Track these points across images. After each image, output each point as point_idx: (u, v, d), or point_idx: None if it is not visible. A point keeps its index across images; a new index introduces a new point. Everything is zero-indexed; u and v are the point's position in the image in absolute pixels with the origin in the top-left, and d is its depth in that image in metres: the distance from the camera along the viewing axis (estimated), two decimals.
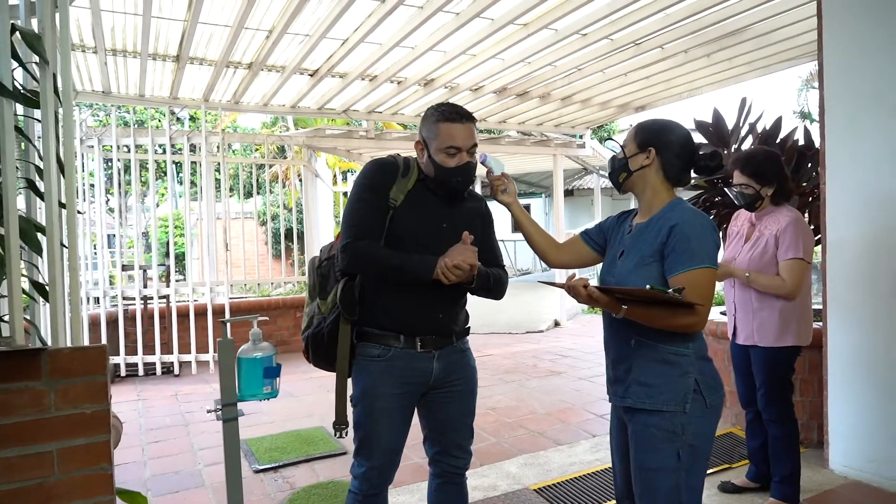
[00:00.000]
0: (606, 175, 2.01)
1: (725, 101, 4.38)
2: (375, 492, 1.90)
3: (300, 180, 8.02)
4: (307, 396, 5.04)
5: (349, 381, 1.94)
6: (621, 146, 1.83)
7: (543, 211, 19.90)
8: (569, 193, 19.77)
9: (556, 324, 8.80)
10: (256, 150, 13.37)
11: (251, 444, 3.81)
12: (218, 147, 6.54)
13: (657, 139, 1.74)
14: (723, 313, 4.39)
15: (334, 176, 9.98)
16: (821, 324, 3.26)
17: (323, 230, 8.27)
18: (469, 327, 2.03)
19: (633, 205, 1.99)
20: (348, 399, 1.91)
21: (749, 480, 3.01)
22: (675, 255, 1.61)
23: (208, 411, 1.68)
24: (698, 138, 4.57)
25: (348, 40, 5.05)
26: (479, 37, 5.05)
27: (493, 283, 1.92)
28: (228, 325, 1.73)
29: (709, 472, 3.25)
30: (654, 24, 4.97)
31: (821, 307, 3.31)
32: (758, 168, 2.69)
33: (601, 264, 1.96)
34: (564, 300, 9.19)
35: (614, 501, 2.92)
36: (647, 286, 1.55)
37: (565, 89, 6.99)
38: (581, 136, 9.21)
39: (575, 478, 3.21)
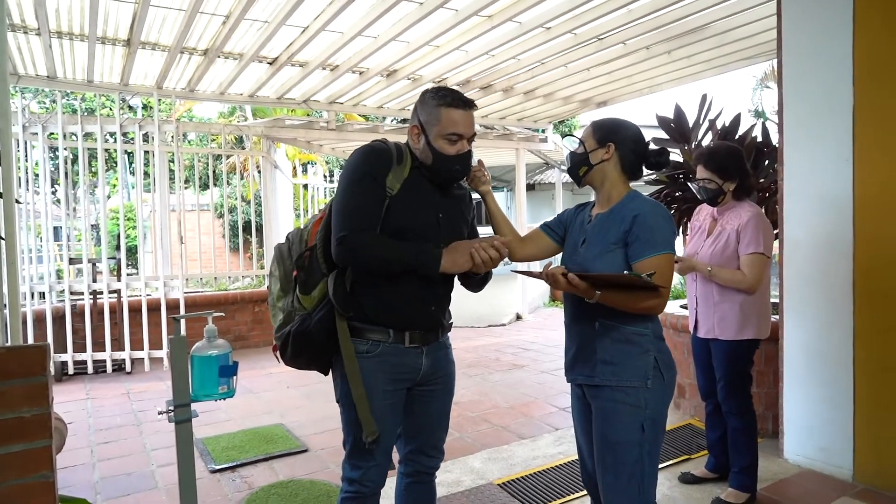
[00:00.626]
0: (566, 170, 2.02)
1: (683, 98, 4.43)
2: (374, 492, 1.84)
3: (259, 172, 7.83)
4: (266, 393, 4.92)
5: (332, 378, 1.87)
6: (580, 141, 1.91)
7: (505, 205, 19.98)
8: (530, 187, 19.90)
9: (518, 317, 8.84)
10: (213, 140, 13.02)
11: (207, 444, 3.69)
12: (172, 136, 6.31)
13: (615, 135, 1.87)
14: (683, 307, 4.46)
15: (294, 168, 9.76)
16: (777, 317, 3.33)
17: (283, 223, 8.08)
18: (452, 322, 1.99)
19: (593, 199, 2.00)
20: (354, 401, 1.75)
21: (708, 471, 3.06)
22: (640, 242, 1.74)
23: (160, 413, 1.59)
24: (660, 134, 4.64)
25: (308, 28, 4.92)
26: (442, 27, 4.99)
27: (490, 274, 1.90)
28: (182, 321, 1.64)
29: (669, 462, 3.30)
30: (618, 20, 5.00)
31: (777, 301, 3.38)
32: (721, 163, 2.72)
33: (560, 254, 2.05)
34: (526, 293, 9.23)
35: (578, 494, 2.95)
36: (625, 272, 1.71)
37: (528, 83, 6.99)
38: (543, 131, 9.25)
39: (539, 471, 3.21)
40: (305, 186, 10.13)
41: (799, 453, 3.25)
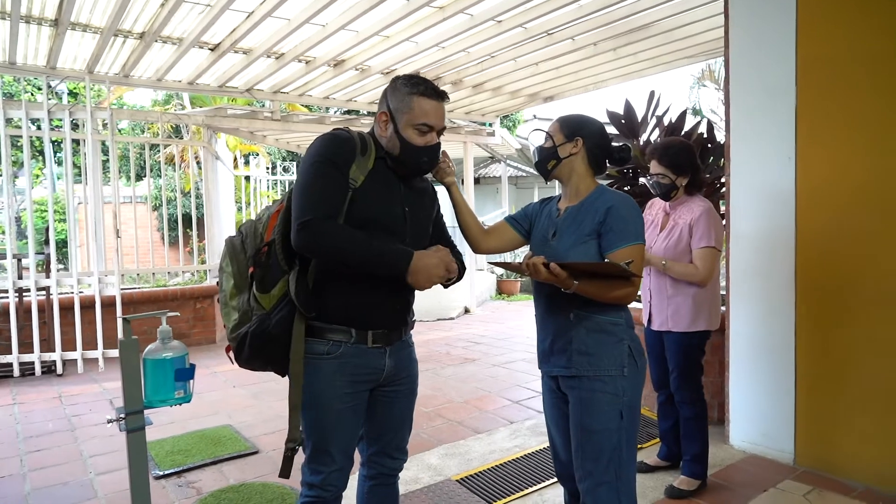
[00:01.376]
0: (519, 164, 2.01)
1: (625, 96, 4.53)
2: (336, 496, 1.77)
3: (198, 163, 7.51)
4: (211, 393, 4.73)
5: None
6: (548, 134, 1.95)
7: (448, 199, 20.01)
8: (476, 181, 19.98)
9: (467, 310, 8.86)
10: (148, 129, 12.44)
11: (151, 448, 3.51)
12: (104, 124, 5.97)
13: (582, 130, 1.91)
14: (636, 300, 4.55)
15: (235, 159, 9.44)
16: (724, 308, 3.44)
17: (224, 216, 7.80)
18: (415, 319, 1.93)
19: (536, 196, 2.01)
20: (289, 405, 1.71)
21: (661, 460, 3.13)
22: (613, 233, 1.79)
23: (109, 421, 1.47)
24: (610, 129, 4.70)
25: (253, 13, 4.74)
26: (393, 18, 4.91)
27: (461, 273, 1.81)
28: (129, 322, 1.52)
29: None
30: (567, 15, 5.04)
31: (724, 293, 3.49)
32: (674, 159, 2.77)
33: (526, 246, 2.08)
34: (474, 287, 9.27)
35: (536, 487, 2.96)
36: (605, 259, 1.78)
37: (478, 76, 6.99)
38: (491, 125, 9.28)
39: (496, 466, 3.21)
40: (247, 178, 9.84)
41: (744, 439, 3.37)
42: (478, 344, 6.50)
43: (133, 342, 1.48)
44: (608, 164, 1.97)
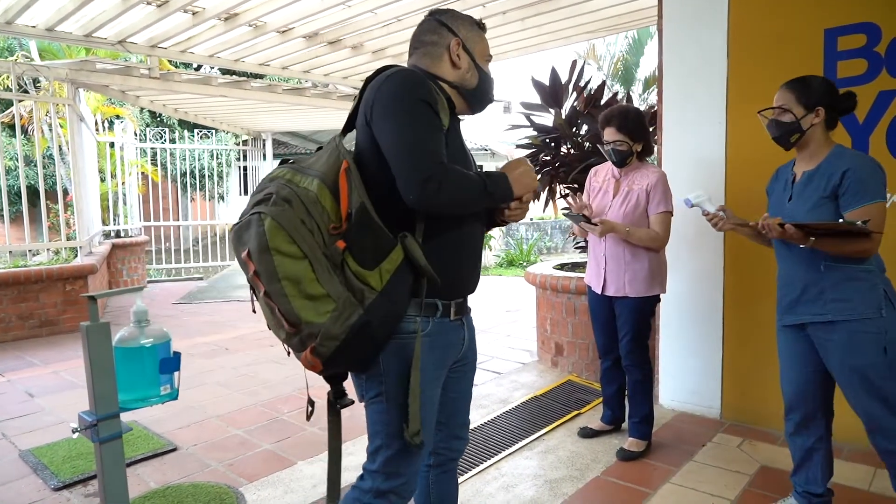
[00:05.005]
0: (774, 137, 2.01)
1: (523, 68, 4.52)
2: (409, 501, 1.55)
3: (49, 125, 6.53)
4: None
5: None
6: (782, 108, 2.06)
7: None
8: None
9: None
10: None
11: (41, 455, 2.99)
12: None
13: (823, 99, 2.03)
14: (557, 267, 4.61)
15: (96, 123, 8.35)
16: None
17: (91, 187, 6.88)
18: None
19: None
20: (410, 397, 1.42)
21: (605, 424, 3.19)
22: (850, 194, 1.93)
23: (74, 431, 1.15)
24: (534, 97, 4.67)
25: None
26: None
27: None
28: (95, 301, 1.18)
29: (563, 419, 3.39)
30: None
31: None
32: (632, 126, 2.76)
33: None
34: None
35: (494, 459, 2.88)
36: (840, 220, 1.93)
37: (381, 41, 6.67)
38: None
39: None
40: (112, 145, 8.76)
41: (674, 399, 3.53)
42: None
43: (102, 327, 1.16)
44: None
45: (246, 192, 11.55)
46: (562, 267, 4.66)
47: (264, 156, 11.89)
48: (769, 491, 2.57)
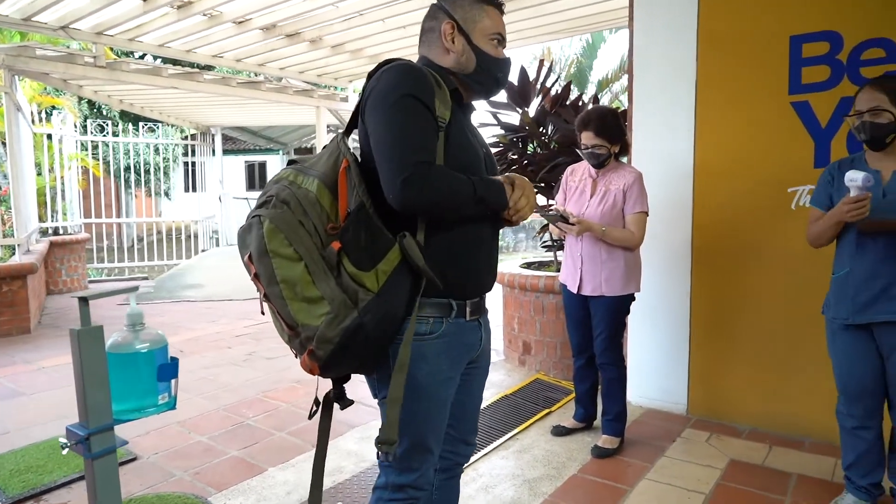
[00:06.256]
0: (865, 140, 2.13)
1: None
2: (429, 493, 1.53)
3: None
4: (45, 394, 3.89)
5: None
6: (882, 109, 2.05)
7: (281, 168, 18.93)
8: (308, 151, 19.14)
9: None
10: None
11: None
12: None
13: None
14: (524, 266, 4.62)
15: (32, 114, 7.87)
16: None
17: (29, 181, 6.48)
18: None
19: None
20: (389, 397, 1.37)
21: (577, 422, 3.20)
22: None
23: (63, 447, 1.04)
24: (500, 96, 4.66)
25: None
26: None
27: None
28: (87, 303, 1.08)
29: (535, 418, 3.39)
30: None
31: None
32: (610, 129, 2.78)
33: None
34: None
35: (480, 453, 2.86)
36: None
37: (340, 35, 6.54)
38: (343, 89, 8.83)
39: None
40: (49, 136, 8.29)
41: (643, 395, 3.58)
42: None
43: (95, 331, 1.06)
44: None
45: (193, 189, 11.11)
46: (528, 265, 4.68)
47: (213, 151, 11.51)
48: (740, 484, 2.63)
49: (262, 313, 1.44)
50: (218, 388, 3.94)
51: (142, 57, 11.62)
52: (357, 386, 3.82)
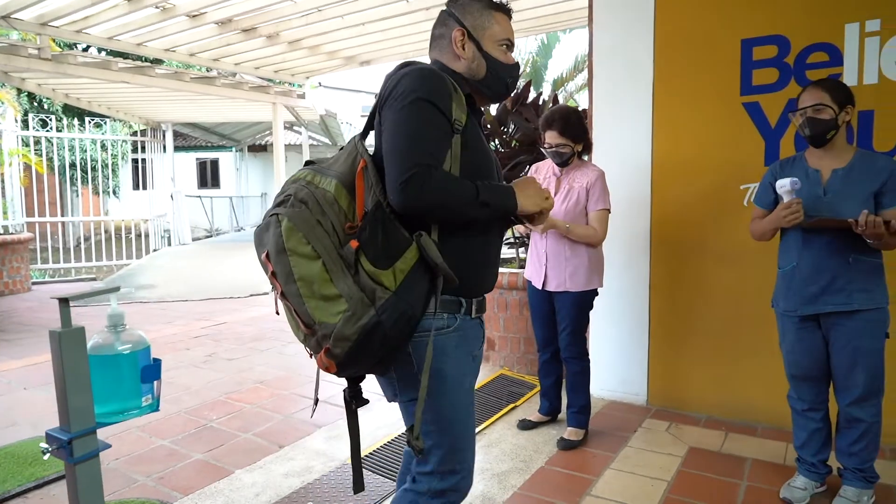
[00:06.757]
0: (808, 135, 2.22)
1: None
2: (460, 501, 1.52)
3: None
4: None
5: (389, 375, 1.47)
6: (824, 105, 2.16)
7: (235, 166, 18.56)
8: (261, 148, 18.81)
9: None
10: None
11: None
12: None
13: (850, 98, 2.20)
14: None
15: None
16: None
17: None
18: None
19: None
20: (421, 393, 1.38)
21: (543, 415, 3.27)
22: (894, 193, 2.15)
23: (44, 451, 1.01)
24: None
25: None
26: None
27: None
28: (68, 304, 1.05)
29: (502, 412, 3.44)
30: None
31: None
32: (574, 129, 2.84)
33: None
34: None
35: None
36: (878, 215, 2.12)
37: (297, 31, 6.46)
38: (301, 86, 8.72)
39: (392, 440, 3.05)
40: None
41: (604, 388, 3.68)
42: None
43: (76, 333, 1.03)
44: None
45: (143, 187, 10.77)
46: None
47: (164, 147, 11.18)
48: (700, 470, 2.74)
49: (277, 313, 1.43)
50: (178, 391, 3.85)
51: (86, 49, 11.20)
52: (324, 386, 3.77)
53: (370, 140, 1.48)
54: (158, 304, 6.97)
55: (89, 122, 9.71)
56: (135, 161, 14.31)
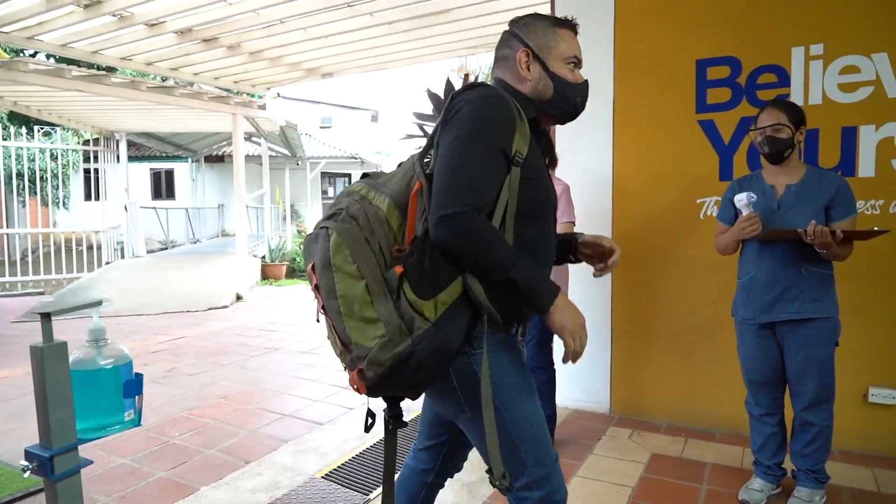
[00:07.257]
0: (767, 153, 2.32)
1: (388, 82, 4.63)
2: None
3: None
4: None
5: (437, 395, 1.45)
6: (784, 125, 2.28)
7: (190, 177, 18.15)
8: (218, 159, 18.46)
9: (239, 297, 8.18)
10: None
11: None
12: None
13: (803, 118, 2.32)
14: None
15: None
16: None
17: None
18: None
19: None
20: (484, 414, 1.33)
21: None
22: (843, 207, 2.27)
23: (24, 469, 0.98)
24: (428, 107, 4.76)
25: None
26: None
27: None
28: (49, 319, 1.03)
29: None
30: None
31: None
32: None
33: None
34: (241, 272, 8.58)
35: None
36: (874, 228, 2.40)
37: (259, 42, 6.42)
38: (262, 97, 8.64)
39: (360, 454, 3.03)
40: None
41: (569, 398, 3.75)
42: (273, 332, 6.04)
43: (59, 347, 1.01)
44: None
45: (95, 198, 10.44)
46: None
47: (118, 157, 10.88)
48: (662, 475, 2.81)
49: (318, 321, 1.40)
50: None
51: (34, 55, 10.86)
52: (289, 400, 3.73)
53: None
54: (113, 319, 6.75)
55: (38, 131, 9.39)
56: (86, 171, 13.88)
